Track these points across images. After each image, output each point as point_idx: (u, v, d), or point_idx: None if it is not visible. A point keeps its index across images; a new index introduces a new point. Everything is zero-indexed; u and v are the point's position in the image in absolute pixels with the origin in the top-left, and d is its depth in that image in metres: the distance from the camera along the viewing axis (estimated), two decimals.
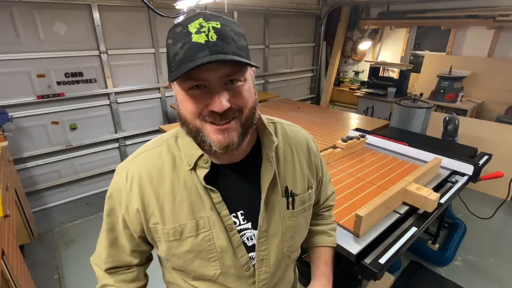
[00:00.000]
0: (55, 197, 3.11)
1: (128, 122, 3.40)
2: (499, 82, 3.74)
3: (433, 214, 1.45)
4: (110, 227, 0.69)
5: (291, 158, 0.72)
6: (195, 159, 0.62)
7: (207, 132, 0.57)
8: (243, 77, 0.56)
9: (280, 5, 4.22)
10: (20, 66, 2.60)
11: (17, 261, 1.56)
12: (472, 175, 1.84)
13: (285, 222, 0.69)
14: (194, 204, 0.63)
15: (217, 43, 0.51)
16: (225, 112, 0.54)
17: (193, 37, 0.51)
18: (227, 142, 0.56)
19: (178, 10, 2.29)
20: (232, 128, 0.56)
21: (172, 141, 0.66)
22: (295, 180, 0.71)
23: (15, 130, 2.70)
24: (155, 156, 0.65)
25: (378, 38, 5.03)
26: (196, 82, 0.54)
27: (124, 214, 0.65)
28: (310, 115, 3.27)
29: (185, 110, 0.57)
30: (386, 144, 2.22)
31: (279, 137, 0.71)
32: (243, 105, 0.57)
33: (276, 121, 0.75)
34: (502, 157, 2.92)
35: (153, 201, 0.62)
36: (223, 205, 0.64)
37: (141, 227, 0.65)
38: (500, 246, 2.49)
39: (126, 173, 0.64)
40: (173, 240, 0.63)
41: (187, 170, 0.63)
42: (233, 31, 0.54)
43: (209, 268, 0.65)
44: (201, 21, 0.52)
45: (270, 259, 0.68)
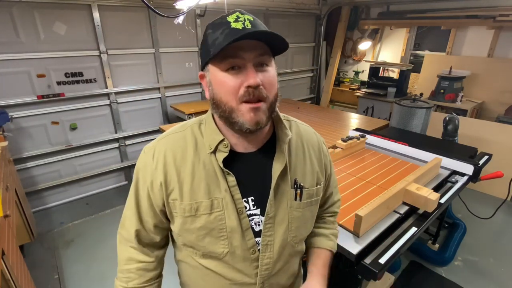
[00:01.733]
0: (55, 197, 3.11)
1: (128, 122, 3.40)
2: (499, 82, 3.74)
3: (433, 214, 1.45)
4: (137, 203, 0.74)
5: (302, 154, 0.77)
6: (216, 142, 0.68)
7: (241, 112, 0.63)
8: (270, 62, 0.65)
9: (280, 5, 4.22)
10: (20, 66, 2.60)
11: (17, 261, 1.56)
12: (472, 175, 1.84)
13: (291, 212, 0.73)
14: (211, 184, 0.68)
15: (252, 30, 0.59)
16: (257, 89, 0.61)
17: (232, 24, 0.59)
18: (257, 119, 0.63)
19: (178, 10, 2.29)
20: (262, 108, 0.63)
21: (196, 127, 0.73)
22: (305, 174, 0.76)
23: (15, 130, 2.70)
24: (180, 139, 0.71)
25: (378, 38, 5.02)
26: (234, 60, 0.60)
27: (149, 190, 0.71)
28: (310, 115, 3.27)
29: (223, 90, 0.63)
30: (386, 144, 2.22)
31: (292, 133, 0.76)
32: (270, 88, 0.64)
33: (291, 119, 0.81)
34: (502, 157, 2.92)
35: (174, 178, 0.68)
36: (237, 189, 0.69)
37: (163, 202, 0.70)
38: (500, 246, 2.49)
39: (153, 153, 0.71)
40: (188, 216, 0.68)
41: (208, 153, 0.69)
42: (263, 25, 0.64)
43: (218, 245, 0.70)
44: (238, 14, 0.62)
45: (274, 246, 0.72)
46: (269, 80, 0.63)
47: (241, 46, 0.59)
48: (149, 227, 0.75)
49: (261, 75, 0.62)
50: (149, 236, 0.76)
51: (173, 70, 3.58)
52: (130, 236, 0.75)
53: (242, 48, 0.60)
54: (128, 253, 0.76)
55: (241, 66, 0.61)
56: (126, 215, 0.76)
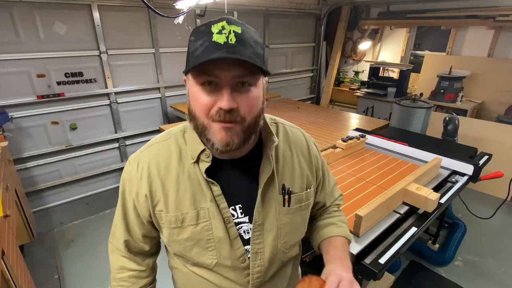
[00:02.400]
0: (55, 197, 3.11)
1: (128, 122, 3.39)
2: (499, 82, 3.74)
3: (433, 214, 1.45)
4: (124, 213, 0.74)
5: (290, 158, 0.75)
6: (198, 152, 0.67)
7: (213, 130, 0.60)
8: (254, 82, 0.59)
9: (280, 5, 4.22)
10: (20, 66, 2.60)
11: (17, 261, 1.56)
12: (472, 175, 1.84)
13: (280, 218, 0.72)
14: (196, 195, 0.67)
15: (235, 46, 0.54)
16: (231, 111, 0.57)
17: (214, 37, 0.54)
18: (227, 140, 0.60)
19: (178, 10, 2.29)
20: (235, 130, 0.60)
21: (180, 136, 0.71)
22: (293, 179, 0.74)
23: (15, 130, 2.70)
24: (164, 149, 0.70)
25: (378, 38, 5.03)
26: (208, 77, 0.56)
27: (135, 201, 0.70)
28: (310, 115, 3.27)
29: (196, 105, 0.60)
30: (386, 144, 2.22)
31: (280, 137, 0.75)
32: (248, 111, 0.60)
33: (279, 122, 0.79)
34: (502, 157, 2.92)
35: (159, 189, 0.67)
36: (223, 198, 0.68)
37: (149, 213, 0.70)
38: (500, 246, 2.49)
39: (137, 163, 0.70)
40: (174, 227, 0.68)
41: (191, 163, 0.67)
42: (253, 38, 0.57)
43: (206, 256, 0.69)
44: (224, 23, 0.56)
45: (264, 253, 0.71)
46: (248, 102, 0.59)
47: (220, 63, 0.54)
48: (137, 237, 0.75)
49: (239, 97, 0.57)
50: (138, 246, 0.77)
51: (173, 70, 3.58)
52: (120, 245, 0.76)
53: (219, 66, 0.55)
54: (120, 262, 0.77)
55: (218, 83, 0.57)
56: (115, 224, 0.77)
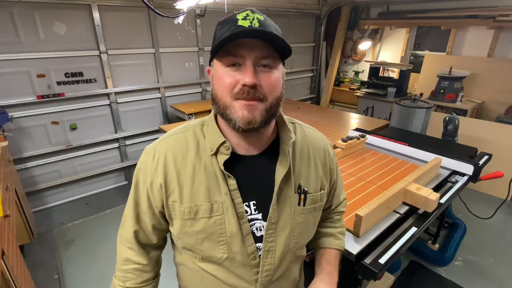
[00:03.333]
0: (55, 197, 3.11)
1: (128, 122, 3.39)
2: (499, 82, 3.74)
3: (433, 214, 1.45)
4: (136, 203, 0.73)
5: (307, 158, 0.75)
6: (217, 144, 0.67)
7: (235, 109, 0.61)
8: (274, 64, 0.62)
9: (280, 5, 4.22)
10: (20, 66, 2.60)
11: (17, 261, 1.56)
12: (472, 175, 1.84)
13: (295, 218, 0.72)
14: (211, 188, 0.67)
15: (258, 29, 0.58)
16: (253, 89, 0.59)
17: (239, 22, 0.58)
18: (250, 118, 0.61)
19: (178, 10, 2.29)
20: (257, 107, 0.61)
21: (198, 128, 0.72)
22: (309, 179, 0.74)
23: (15, 130, 2.70)
24: (181, 140, 0.70)
25: (378, 38, 5.03)
26: (234, 58, 0.60)
27: (149, 190, 0.70)
28: (310, 115, 3.27)
29: (220, 85, 0.62)
30: (386, 144, 2.22)
31: (297, 136, 0.75)
32: (270, 90, 0.62)
33: (297, 122, 0.80)
34: (502, 157, 2.92)
35: (174, 180, 0.67)
36: (238, 192, 0.67)
37: (162, 203, 0.70)
38: (500, 246, 2.49)
39: (153, 153, 0.70)
40: (187, 218, 0.67)
41: (209, 155, 0.67)
42: (274, 26, 0.62)
43: (217, 250, 0.68)
44: (248, 12, 0.61)
45: (276, 252, 0.71)
46: (270, 82, 0.61)
47: (244, 44, 0.59)
48: (147, 228, 0.74)
49: (262, 76, 0.60)
50: (147, 237, 0.76)
51: (173, 70, 3.58)
52: (129, 236, 0.75)
53: (244, 46, 0.59)
54: (126, 253, 0.77)
55: (241, 64, 0.60)
56: (126, 215, 0.76)
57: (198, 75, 3.83)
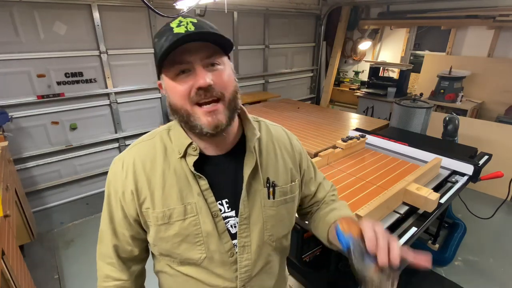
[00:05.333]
0: (55, 197, 3.11)
1: (128, 122, 3.39)
2: (499, 82, 3.75)
3: (433, 214, 1.44)
4: (110, 216, 0.73)
5: (273, 152, 0.77)
6: (185, 147, 0.68)
7: (198, 116, 0.63)
8: (221, 61, 0.64)
9: (280, 5, 4.22)
10: (20, 66, 2.60)
11: (17, 261, 1.56)
12: (472, 175, 1.83)
13: (265, 211, 0.73)
14: (183, 190, 0.68)
15: (195, 32, 0.59)
16: (209, 90, 0.60)
17: (175, 30, 0.59)
18: (216, 122, 0.62)
19: (178, 10, 2.29)
20: (219, 110, 0.63)
21: (164, 134, 0.73)
22: (277, 172, 0.76)
23: (15, 130, 2.70)
24: (149, 147, 0.71)
25: (378, 38, 5.03)
26: (181, 66, 0.61)
27: (122, 201, 0.70)
28: (310, 115, 3.27)
29: (175, 95, 0.63)
30: (386, 144, 2.22)
31: (262, 133, 0.78)
32: (225, 87, 0.63)
33: (261, 120, 0.82)
34: (502, 157, 2.92)
35: (145, 187, 0.68)
36: (210, 192, 0.69)
37: (136, 212, 0.70)
38: (500, 246, 2.49)
39: (122, 163, 0.71)
40: (161, 224, 0.68)
41: (177, 158, 0.68)
42: (209, 25, 0.63)
43: (195, 251, 0.69)
44: (180, 18, 0.61)
45: (251, 246, 0.72)
46: (222, 78, 0.63)
47: (187, 50, 0.59)
48: (126, 239, 0.73)
49: (212, 75, 0.61)
50: (127, 250, 0.74)
51: None
52: (108, 251, 0.74)
53: (187, 51, 0.60)
54: (106, 270, 0.75)
55: (190, 69, 0.61)
56: (102, 230, 0.75)
57: None
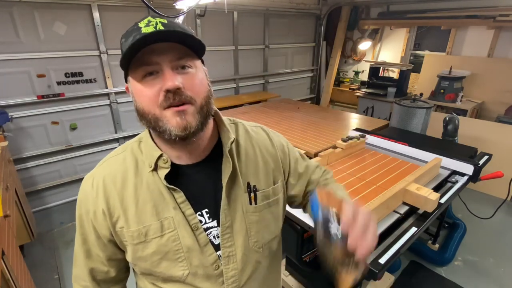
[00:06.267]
0: (55, 197, 3.11)
1: (128, 122, 3.39)
2: (499, 82, 3.74)
3: (433, 214, 1.44)
4: (83, 238, 0.69)
5: (253, 155, 0.73)
6: (155, 159, 0.64)
7: (167, 119, 0.58)
8: (193, 64, 0.60)
9: (280, 5, 4.22)
10: (20, 66, 2.60)
11: (17, 261, 1.56)
12: (472, 175, 1.83)
13: (248, 217, 0.69)
14: (158, 205, 0.64)
15: (164, 31, 0.55)
16: (178, 93, 0.56)
17: (143, 29, 0.55)
18: (184, 124, 0.58)
19: (178, 10, 2.29)
20: (189, 111, 0.58)
21: (135, 146, 0.68)
22: (258, 176, 0.72)
23: (15, 130, 2.70)
24: (119, 162, 0.67)
25: (378, 38, 5.03)
26: (147, 67, 0.56)
27: (93, 221, 0.66)
28: (310, 115, 3.27)
29: (142, 99, 0.59)
30: (386, 144, 2.22)
31: (240, 136, 0.73)
32: (196, 92, 0.59)
33: (238, 122, 0.77)
34: (502, 157, 2.92)
35: (117, 204, 0.64)
36: (187, 204, 0.65)
37: (109, 231, 0.66)
38: (500, 246, 2.49)
39: (92, 181, 0.67)
40: (138, 242, 0.64)
41: (148, 171, 0.64)
42: (180, 26, 0.58)
43: (176, 268, 0.65)
44: (149, 18, 0.57)
45: (237, 255, 0.68)
46: (192, 82, 0.59)
47: (155, 50, 0.56)
48: (101, 260, 0.69)
49: (182, 78, 0.57)
50: (103, 271, 0.71)
51: None
52: (83, 274, 0.70)
53: (155, 52, 0.56)
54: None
55: (158, 70, 0.57)
56: (76, 252, 0.71)
57: None
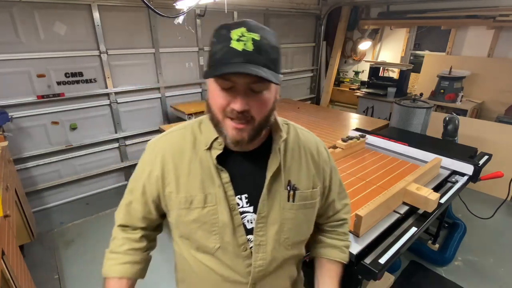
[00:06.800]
0: (55, 197, 3.11)
1: (128, 122, 3.39)
2: (499, 82, 3.74)
3: (433, 214, 1.45)
4: (131, 189, 0.81)
5: (298, 156, 0.78)
6: (211, 140, 0.72)
7: (226, 127, 0.66)
8: (265, 87, 0.64)
9: (280, 5, 4.22)
10: (20, 66, 2.60)
11: (17, 261, 1.56)
12: (472, 175, 1.84)
13: (284, 213, 0.74)
14: (205, 180, 0.72)
15: (251, 53, 0.58)
16: (243, 112, 0.62)
17: (233, 43, 0.58)
18: (239, 138, 0.65)
19: (178, 10, 2.29)
20: (246, 129, 0.65)
21: (196, 126, 0.77)
22: (300, 177, 0.76)
23: (15, 130, 2.70)
24: (180, 137, 0.77)
25: (378, 38, 5.03)
26: (225, 83, 0.62)
27: (146, 181, 0.76)
28: (310, 115, 3.27)
29: (213, 102, 0.66)
30: (386, 144, 2.22)
31: (290, 136, 0.79)
32: (259, 112, 0.64)
33: (291, 124, 0.83)
34: (502, 157, 2.92)
35: (171, 172, 0.73)
36: (230, 186, 0.72)
37: (158, 193, 0.76)
38: (500, 246, 2.49)
39: (154, 147, 0.78)
40: (183, 208, 0.73)
41: (204, 149, 0.73)
42: (270, 44, 0.61)
43: (210, 240, 0.72)
44: (243, 30, 0.59)
45: (267, 246, 0.73)
46: (259, 105, 0.64)
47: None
48: (137, 215, 0.80)
49: (252, 100, 0.62)
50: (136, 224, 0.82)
51: (173, 70, 3.58)
52: (119, 219, 0.84)
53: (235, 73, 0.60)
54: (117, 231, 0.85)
55: (233, 87, 0.62)
56: (123, 200, 0.83)
57: (198, 75, 3.83)
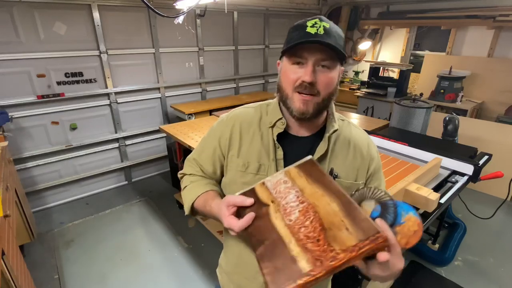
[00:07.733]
0: (55, 197, 3.12)
1: (128, 122, 3.39)
2: (499, 82, 3.74)
3: (433, 214, 1.45)
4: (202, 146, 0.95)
5: (346, 148, 0.86)
6: (275, 119, 0.84)
7: (293, 100, 0.76)
8: (332, 66, 0.74)
9: (280, 5, 4.22)
10: (20, 66, 2.60)
11: (17, 261, 1.56)
12: (472, 175, 1.84)
13: None
14: (263, 152, 0.84)
15: (322, 36, 0.70)
16: (310, 84, 0.72)
17: (308, 29, 0.72)
18: (304, 110, 0.76)
19: (178, 10, 2.29)
20: (312, 101, 0.75)
21: (264, 106, 0.90)
22: (343, 167, 0.84)
23: (15, 130, 2.70)
24: (249, 113, 0.89)
25: (378, 38, 5.02)
26: (297, 59, 0.73)
27: (219, 140, 0.89)
28: None
29: (285, 79, 0.77)
30: (386, 144, 2.22)
31: (342, 129, 0.87)
32: (324, 87, 0.75)
33: (347, 120, 0.92)
34: (502, 157, 2.92)
35: (237, 139, 0.87)
36: (282, 162, 0.82)
37: (223, 153, 0.89)
38: (500, 246, 2.49)
39: (230, 116, 0.91)
40: (240, 170, 0.85)
41: (267, 127, 0.84)
42: (337, 32, 0.74)
43: None
44: (316, 20, 0.73)
45: None
46: (325, 80, 0.74)
47: (307, 48, 0.71)
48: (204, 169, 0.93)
49: (319, 74, 0.73)
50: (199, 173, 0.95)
51: (173, 70, 3.58)
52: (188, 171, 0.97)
53: (307, 49, 0.72)
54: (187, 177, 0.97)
55: (304, 63, 0.73)
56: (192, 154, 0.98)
57: (198, 75, 3.83)
